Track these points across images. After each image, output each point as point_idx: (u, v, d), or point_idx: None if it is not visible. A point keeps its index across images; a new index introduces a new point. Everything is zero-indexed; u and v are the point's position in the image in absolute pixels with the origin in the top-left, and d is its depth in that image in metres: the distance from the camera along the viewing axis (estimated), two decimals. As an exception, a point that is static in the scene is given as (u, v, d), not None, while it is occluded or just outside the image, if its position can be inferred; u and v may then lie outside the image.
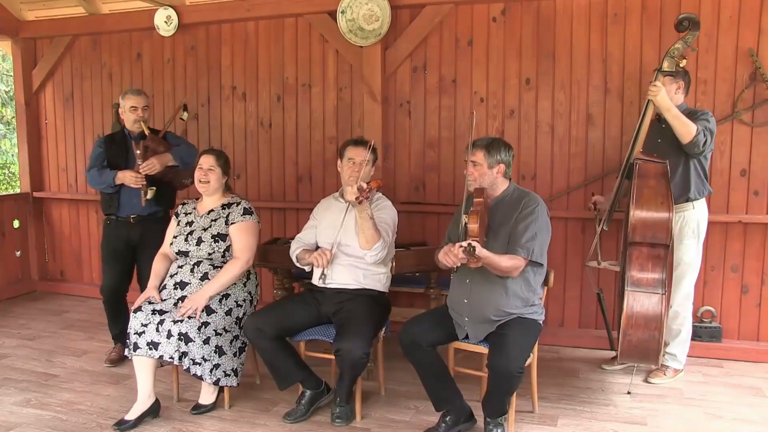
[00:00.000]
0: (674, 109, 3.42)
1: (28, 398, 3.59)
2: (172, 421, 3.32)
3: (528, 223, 2.98)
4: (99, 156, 4.08)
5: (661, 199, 3.32)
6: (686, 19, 3.35)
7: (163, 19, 5.20)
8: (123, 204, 4.04)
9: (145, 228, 4.05)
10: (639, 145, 3.50)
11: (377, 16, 4.54)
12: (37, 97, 5.94)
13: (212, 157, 3.52)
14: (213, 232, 3.46)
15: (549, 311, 3.93)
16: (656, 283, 3.31)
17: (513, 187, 3.16)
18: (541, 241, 3.00)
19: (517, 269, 2.93)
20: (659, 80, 3.43)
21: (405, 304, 4.70)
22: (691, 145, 3.43)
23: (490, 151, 3.07)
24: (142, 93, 4.12)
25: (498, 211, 3.07)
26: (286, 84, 5.06)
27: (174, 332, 3.16)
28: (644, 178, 3.38)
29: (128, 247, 4.09)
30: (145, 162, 3.87)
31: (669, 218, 3.29)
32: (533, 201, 3.05)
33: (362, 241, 3.28)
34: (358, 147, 3.43)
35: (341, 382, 3.22)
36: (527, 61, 4.42)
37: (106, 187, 4.02)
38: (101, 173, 4.02)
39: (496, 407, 2.96)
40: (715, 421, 3.29)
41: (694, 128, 3.40)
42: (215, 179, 3.50)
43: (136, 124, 4.03)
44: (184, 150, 4.07)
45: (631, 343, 3.29)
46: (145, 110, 4.05)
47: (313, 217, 3.62)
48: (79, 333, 4.78)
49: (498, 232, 3.02)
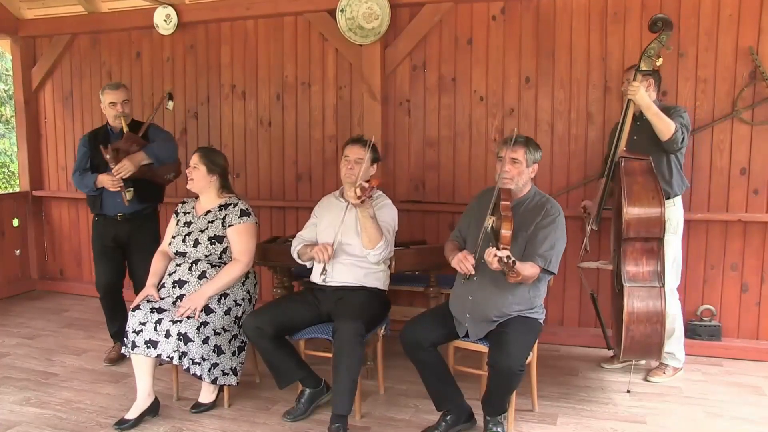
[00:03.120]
0: (653, 107, 3.46)
1: (27, 397, 3.59)
2: (172, 420, 3.31)
3: (548, 231, 2.97)
4: (84, 157, 4.05)
5: (652, 194, 3.35)
6: (660, 20, 3.39)
7: (163, 18, 5.20)
8: (106, 204, 4.02)
9: (133, 226, 4.04)
10: (622, 144, 3.53)
11: (377, 15, 4.54)
12: (36, 96, 5.93)
13: (196, 155, 3.50)
14: (210, 234, 3.45)
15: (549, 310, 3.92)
16: (653, 276, 3.33)
17: (534, 191, 3.14)
18: (558, 250, 2.99)
19: (534, 278, 2.92)
20: (638, 79, 3.45)
21: (404, 303, 4.70)
22: (670, 142, 3.47)
23: (530, 148, 3.06)
24: (122, 86, 4.04)
25: (517, 214, 3.00)
26: (285, 83, 5.06)
27: (173, 332, 3.16)
28: (632, 176, 3.41)
29: (117, 245, 4.08)
30: (118, 165, 3.81)
31: (661, 212, 3.32)
32: (555, 209, 3.03)
33: (365, 241, 3.27)
34: (354, 145, 3.44)
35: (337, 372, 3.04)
36: (527, 59, 4.42)
37: (88, 190, 4.02)
38: (83, 177, 4.01)
39: (496, 406, 2.96)
40: (715, 419, 3.29)
41: (673, 125, 3.44)
42: (198, 177, 3.48)
43: (117, 120, 3.98)
44: (157, 146, 3.98)
45: (634, 339, 3.29)
46: (125, 104, 3.98)
47: (314, 215, 3.62)
48: (78, 332, 4.78)
49: (516, 237, 2.96)
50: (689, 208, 4.11)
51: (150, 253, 3.64)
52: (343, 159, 3.45)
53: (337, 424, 2.99)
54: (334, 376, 3.05)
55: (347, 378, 3.01)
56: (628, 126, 3.51)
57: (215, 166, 3.51)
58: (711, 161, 4.11)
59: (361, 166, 3.35)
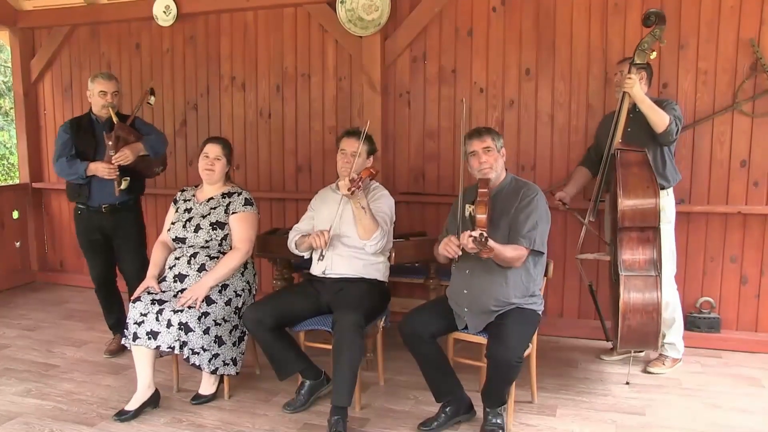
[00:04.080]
0: (648, 100, 3.50)
1: (28, 388, 3.60)
2: (172, 411, 3.32)
3: (528, 212, 2.99)
4: (66, 143, 3.92)
5: (647, 183, 3.37)
6: (653, 14, 3.42)
7: (162, 9, 5.18)
8: (94, 194, 3.93)
9: (118, 217, 3.97)
10: (618, 137, 3.54)
11: (376, 6, 4.52)
12: (35, 88, 5.92)
13: (219, 146, 3.52)
14: (212, 220, 3.46)
15: (548, 302, 3.93)
16: (649, 264, 3.35)
17: (510, 178, 3.17)
18: (542, 230, 3.01)
19: (521, 259, 2.94)
20: (633, 72, 3.47)
21: (404, 295, 4.70)
22: (665, 134, 3.51)
23: (494, 136, 3.12)
24: (114, 78, 3.99)
25: (497, 201, 3.08)
26: (285, 74, 5.04)
27: (174, 322, 3.17)
28: (627, 167, 3.44)
29: (104, 236, 4.02)
30: (118, 153, 3.77)
31: (656, 203, 3.34)
32: (532, 191, 3.06)
33: (360, 232, 3.28)
34: (350, 138, 3.43)
35: (337, 363, 3.03)
36: (527, 51, 4.40)
37: (77, 178, 3.90)
38: (71, 164, 3.88)
39: (496, 397, 2.97)
40: (713, 411, 3.30)
41: (667, 118, 3.48)
42: (220, 168, 3.52)
43: (104, 110, 3.90)
44: (154, 139, 3.98)
45: (631, 328, 3.31)
46: (114, 96, 3.93)
47: (311, 207, 3.63)
48: (78, 323, 4.79)
49: (498, 222, 3.02)
50: (689, 200, 4.12)
51: (136, 243, 3.62)
52: (340, 152, 3.45)
53: (337, 416, 3.00)
54: (334, 368, 3.04)
55: (347, 369, 3.01)
56: (624, 118, 3.53)
57: (231, 157, 3.59)
58: (711, 153, 4.11)
59: (358, 159, 3.36)
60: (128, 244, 3.92)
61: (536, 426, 3.16)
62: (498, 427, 2.97)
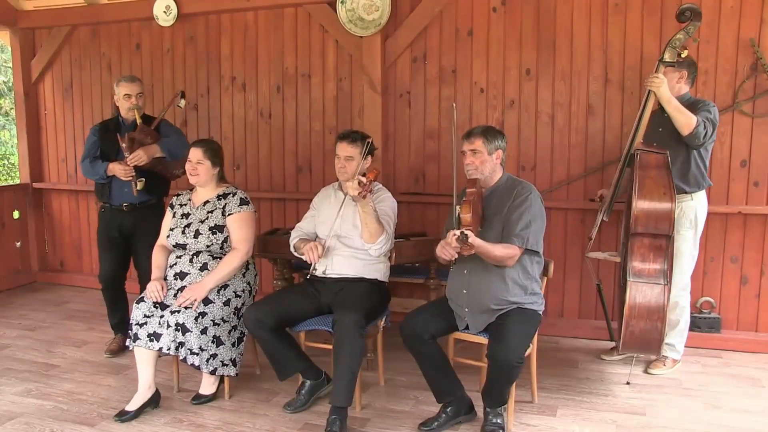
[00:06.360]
0: (674, 101, 3.41)
1: (29, 388, 3.60)
2: (173, 412, 3.33)
3: (522, 211, 2.98)
4: (93, 145, 4.08)
5: (663, 189, 3.31)
6: (688, 10, 3.35)
7: (162, 9, 5.18)
8: (114, 193, 4.06)
9: (138, 216, 4.06)
10: (640, 136, 3.50)
11: (377, 6, 4.52)
12: (36, 88, 5.93)
13: (200, 150, 3.47)
14: (210, 224, 3.45)
15: (549, 302, 3.93)
16: (658, 274, 3.31)
17: (506, 177, 3.17)
18: (536, 229, 2.99)
19: (512, 258, 2.94)
20: (660, 71, 3.41)
21: (404, 295, 4.71)
22: (691, 137, 3.42)
23: (488, 137, 3.08)
24: (137, 80, 4.09)
25: (492, 200, 3.09)
26: (285, 74, 5.04)
27: (171, 322, 3.17)
28: (645, 169, 3.38)
29: (122, 235, 4.11)
30: (132, 154, 3.86)
31: (671, 209, 3.29)
32: (526, 189, 3.05)
33: (366, 236, 3.28)
34: (342, 142, 3.40)
35: (337, 364, 3.03)
36: (527, 51, 4.40)
37: (98, 178, 4.05)
38: (93, 165, 4.04)
39: (496, 397, 2.97)
40: (714, 411, 3.30)
41: (694, 120, 3.38)
42: (204, 171, 3.47)
43: (130, 112, 4.02)
44: (172, 142, 4.03)
45: (634, 334, 3.30)
46: (139, 97, 4.04)
47: (313, 206, 3.63)
48: (79, 323, 4.79)
49: (492, 221, 3.03)
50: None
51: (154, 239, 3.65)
52: (335, 156, 3.44)
53: (334, 415, 3.00)
54: (335, 368, 3.04)
55: (347, 370, 3.01)
56: (647, 119, 3.47)
57: (217, 159, 3.52)
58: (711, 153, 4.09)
59: (353, 162, 3.35)
60: (146, 239, 3.94)
61: (536, 426, 3.16)
62: (498, 427, 2.97)
